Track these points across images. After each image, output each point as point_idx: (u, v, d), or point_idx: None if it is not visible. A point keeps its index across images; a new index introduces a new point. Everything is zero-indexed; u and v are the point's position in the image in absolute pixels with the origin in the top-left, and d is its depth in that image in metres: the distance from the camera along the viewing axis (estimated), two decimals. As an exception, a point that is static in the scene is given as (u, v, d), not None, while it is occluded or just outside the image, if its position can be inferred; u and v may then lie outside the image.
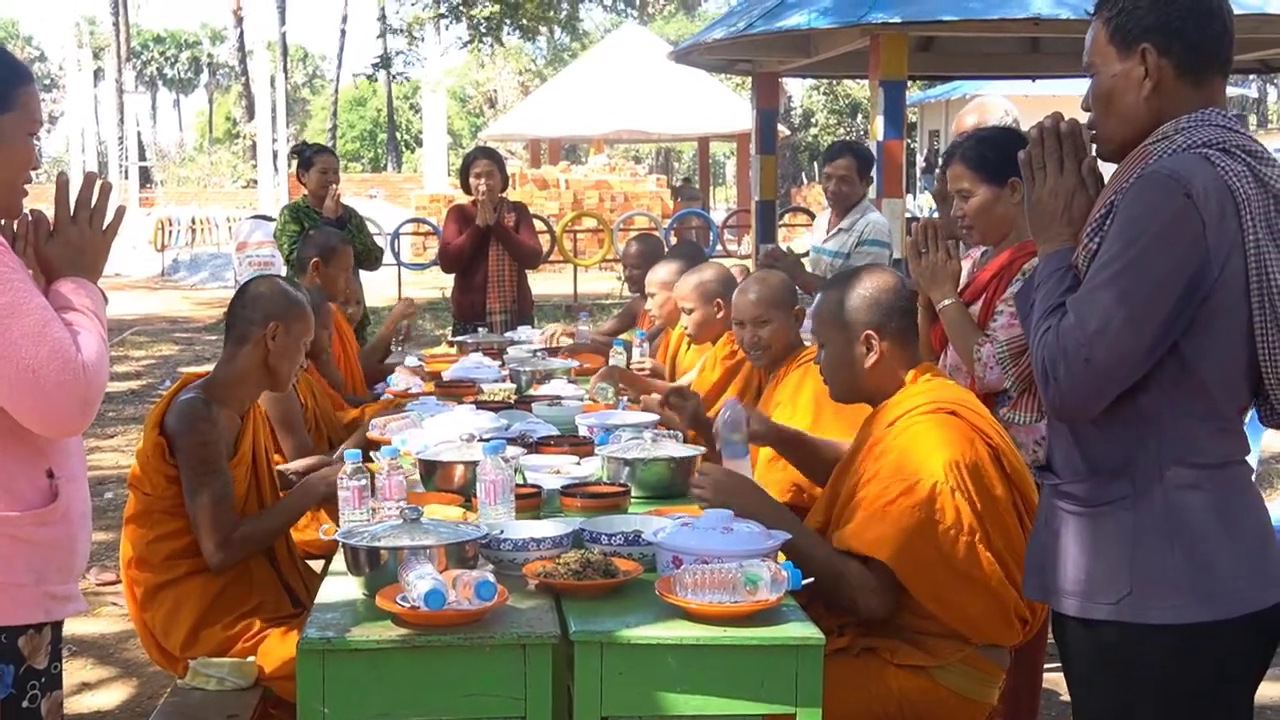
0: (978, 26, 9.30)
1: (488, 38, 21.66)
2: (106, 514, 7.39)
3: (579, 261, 20.19)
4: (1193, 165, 2.27)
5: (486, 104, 54.29)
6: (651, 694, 2.67)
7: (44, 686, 2.50)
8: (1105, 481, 2.38)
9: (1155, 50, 2.36)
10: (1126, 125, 2.42)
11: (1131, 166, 2.37)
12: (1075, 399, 2.34)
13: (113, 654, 5.41)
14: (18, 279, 2.34)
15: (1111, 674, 2.41)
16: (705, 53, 11.54)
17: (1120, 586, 2.35)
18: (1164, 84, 2.37)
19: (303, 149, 7.91)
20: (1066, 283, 2.39)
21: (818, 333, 3.39)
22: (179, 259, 25.21)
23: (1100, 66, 2.44)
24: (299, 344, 3.77)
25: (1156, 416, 2.33)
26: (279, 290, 3.81)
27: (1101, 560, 2.38)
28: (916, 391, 3.24)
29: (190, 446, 3.48)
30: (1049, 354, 2.33)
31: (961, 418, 3.14)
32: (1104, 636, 2.39)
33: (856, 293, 3.30)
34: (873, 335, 3.26)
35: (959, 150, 3.89)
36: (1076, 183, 2.47)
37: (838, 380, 3.37)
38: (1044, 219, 2.49)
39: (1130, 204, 2.29)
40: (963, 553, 3.00)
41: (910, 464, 3.05)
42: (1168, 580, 2.32)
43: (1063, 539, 2.45)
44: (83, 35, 37.86)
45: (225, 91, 69.12)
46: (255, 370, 3.69)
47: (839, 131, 43.57)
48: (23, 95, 2.46)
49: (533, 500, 3.56)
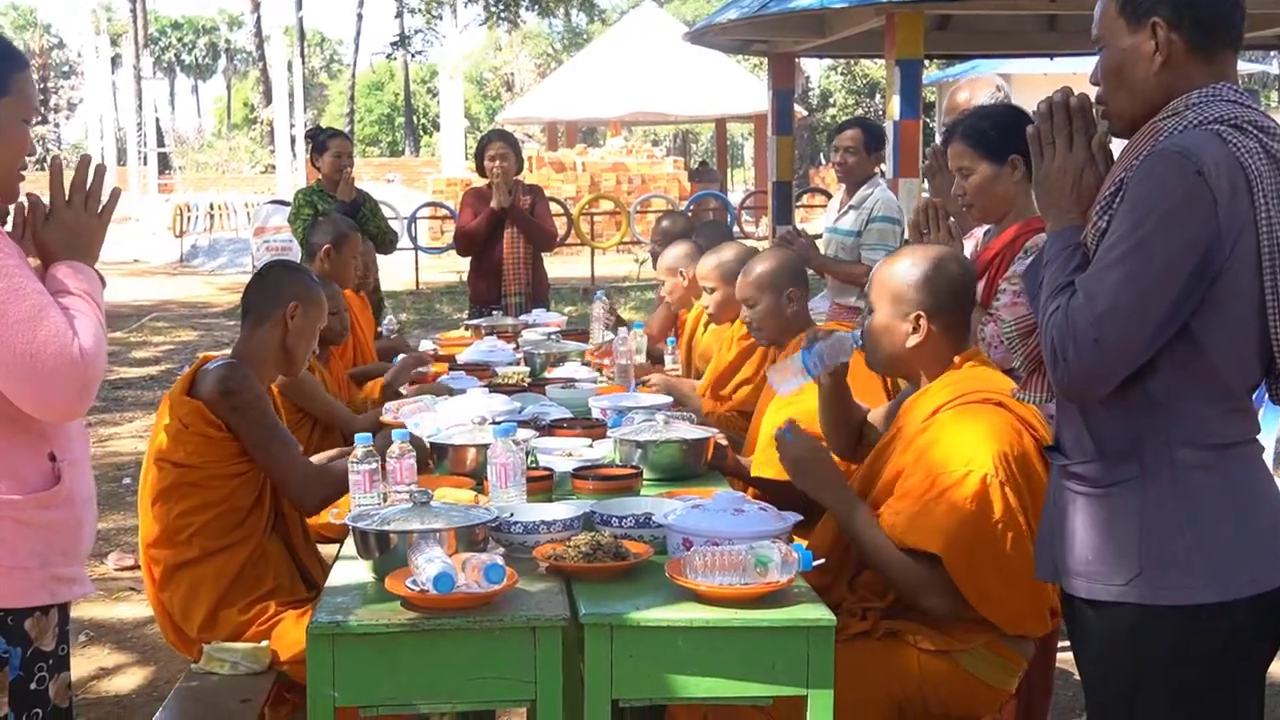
0: (994, 4, 9.27)
1: (505, 16, 21.66)
2: (125, 499, 7.42)
3: (596, 244, 20.19)
4: (1204, 142, 2.24)
5: (503, 87, 54.30)
6: (662, 677, 2.66)
7: (52, 669, 2.51)
8: (1114, 462, 2.36)
9: (1166, 24, 2.33)
10: (1136, 100, 2.39)
11: (1142, 143, 2.33)
12: (1084, 379, 2.31)
13: (130, 639, 5.43)
14: (13, 264, 2.34)
15: (1122, 655, 2.39)
16: (721, 33, 11.52)
17: (1130, 568, 2.33)
18: (1174, 58, 2.34)
19: (317, 133, 7.92)
20: (1075, 261, 2.36)
21: (869, 297, 3.30)
22: (197, 244, 25.28)
23: (1110, 40, 2.40)
24: (315, 328, 3.82)
25: (1166, 396, 2.30)
26: (299, 273, 3.92)
27: (1111, 541, 2.36)
28: (960, 378, 3.16)
29: (245, 403, 3.53)
30: (1058, 334, 2.30)
31: (1007, 409, 3.06)
32: (1114, 618, 2.37)
33: (918, 269, 3.20)
34: (922, 316, 3.17)
35: (958, 127, 3.84)
36: (1085, 158, 2.43)
37: (878, 350, 3.26)
38: (1052, 195, 2.46)
39: (1140, 181, 2.26)
40: (1010, 546, 2.94)
41: (959, 456, 2.99)
42: (1177, 561, 2.30)
43: (1072, 520, 2.43)
44: (100, 22, 37.87)
45: (243, 77, 69.28)
46: (274, 350, 3.73)
47: (857, 112, 43.40)
48: (18, 81, 2.46)
49: (545, 483, 3.55)
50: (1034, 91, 5.39)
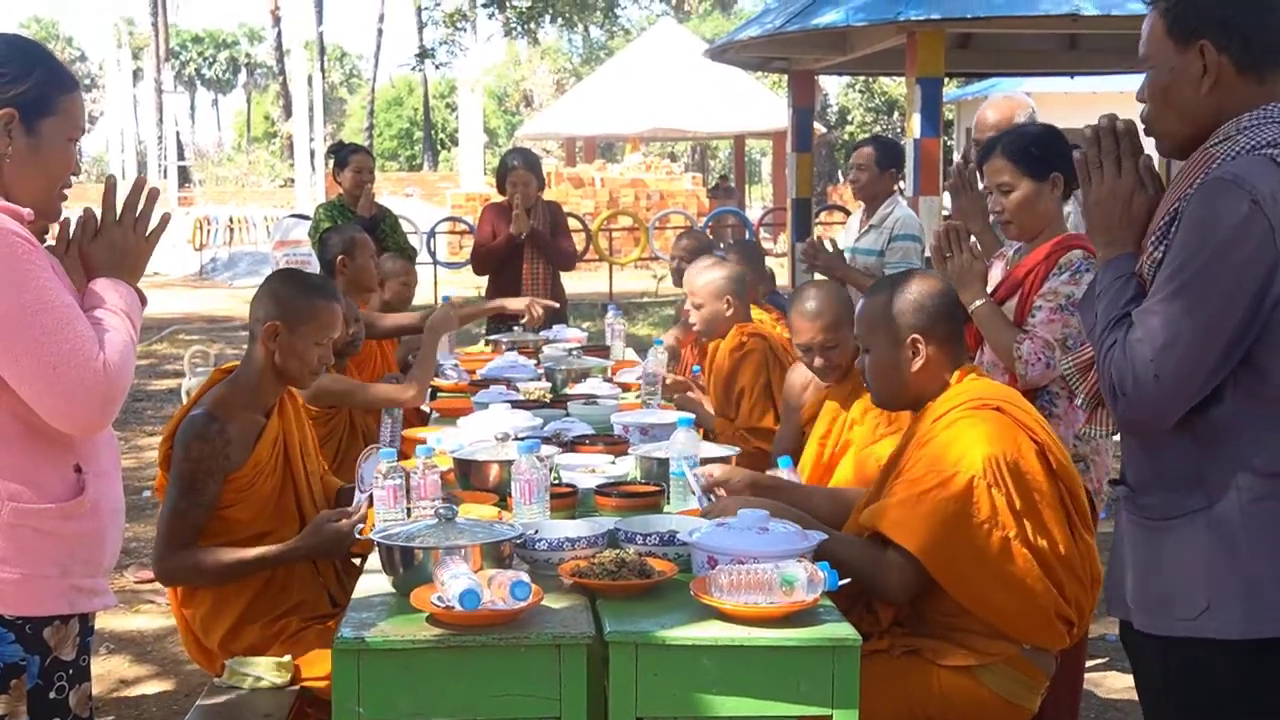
0: (1015, 23, 9.23)
1: (525, 27, 21.69)
2: (145, 511, 7.44)
3: (615, 260, 20.20)
4: (1258, 169, 2.20)
5: (523, 102, 54.39)
6: (687, 695, 2.66)
7: (71, 679, 2.52)
8: (1179, 493, 2.31)
9: (1214, 46, 2.28)
10: (1185, 121, 2.35)
11: (1195, 170, 2.29)
12: (1145, 415, 2.27)
13: (151, 651, 5.44)
14: (45, 276, 2.36)
15: (1186, 692, 2.33)
16: (741, 50, 11.51)
17: (1197, 602, 2.27)
18: (1224, 80, 2.29)
19: (338, 149, 7.96)
20: (1130, 292, 2.32)
21: (862, 338, 3.35)
22: (217, 258, 25.38)
23: (1157, 60, 2.36)
24: (308, 343, 3.63)
25: (1230, 425, 2.25)
26: (283, 288, 3.70)
27: (1176, 575, 2.30)
28: (962, 390, 3.21)
29: (178, 460, 3.47)
30: (1116, 370, 2.27)
31: (1006, 414, 3.12)
32: (1180, 653, 2.31)
33: (903, 296, 3.26)
34: (919, 340, 3.22)
35: (1000, 144, 3.83)
36: (1134, 183, 2.39)
37: (883, 385, 3.32)
38: (1104, 221, 2.42)
39: (1195, 211, 2.22)
40: (997, 548, 2.97)
41: (949, 456, 3.03)
42: (1246, 595, 2.23)
43: (1137, 553, 2.38)
44: (122, 35, 38.16)
45: (263, 91, 69.52)
46: (267, 370, 3.62)
47: (875, 129, 43.36)
48: (65, 101, 2.50)
49: (568, 500, 3.55)
50: (1054, 111, 5.39)
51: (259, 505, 3.59)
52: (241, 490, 3.54)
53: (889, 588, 3.07)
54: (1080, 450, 3.71)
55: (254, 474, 3.56)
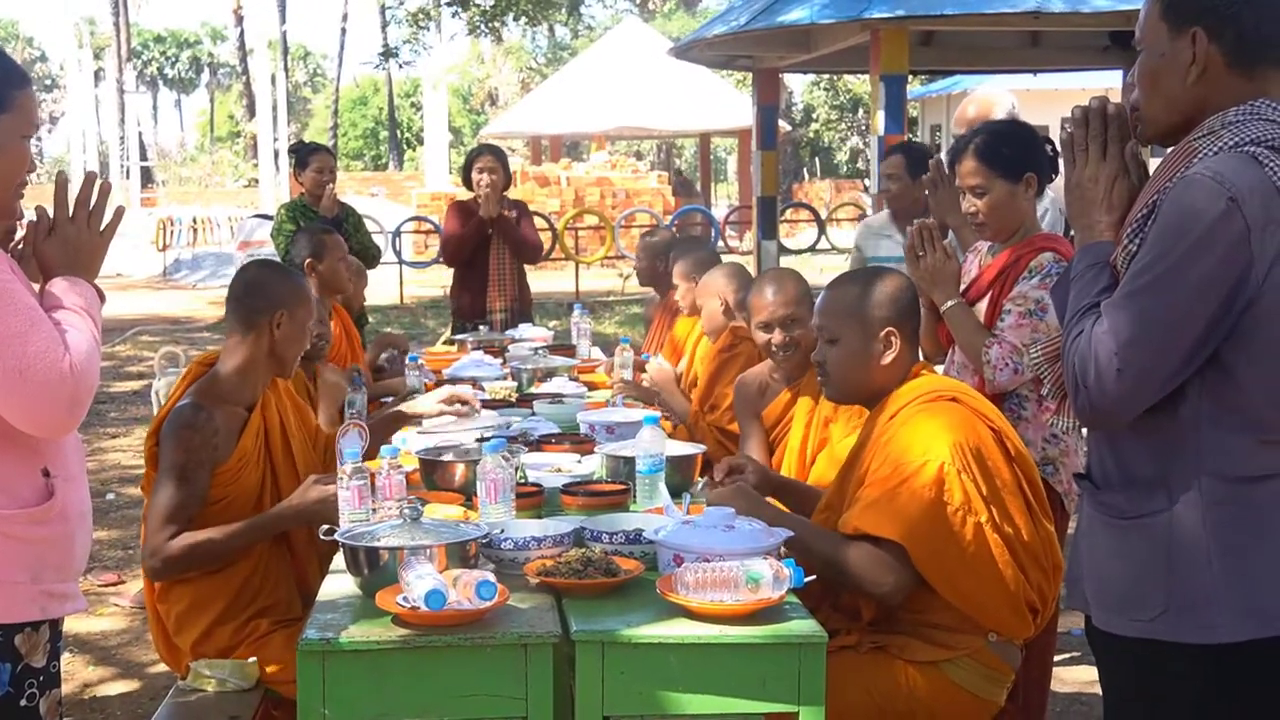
0: (978, 20, 9.28)
1: (489, 25, 21.62)
2: (108, 514, 7.39)
3: (581, 259, 20.19)
4: (1239, 166, 2.15)
5: (488, 101, 54.29)
6: (653, 693, 2.66)
7: (42, 685, 2.50)
8: (1142, 492, 2.28)
9: (1206, 36, 2.23)
10: (1169, 109, 2.30)
11: (1176, 164, 2.24)
12: (1105, 408, 2.24)
13: (114, 654, 5.40)
14: (5, 278, 2.34)
15: (1145, 693, 2.32)
16: (706, 49, 11.54)
17: (1155, 603, 2.25)
18: (1211, 72, 2.24)
19: (299, 148, 7.90)
20: (1102, 281, 2.29)
21: (829, 328, 3.30)
22: (180, 258, 25.19)
23: (1150, 43, 2.31)
24: (304, 328, 3.72)
25: (1195, 426, 2.22)
26: (280, 275, 3.77)
27: (1137, 575, 2.28)
28: (914, 386, 3.22)
29: (170, 451, 3.45)
30: (1080, 361, 2.24)
31: (962, 404, 3.14)
32: (1138, 654, 2.29)
33: (879, 289, 3.26)
34: (893, 333, 3.23)
35: (970, 145, 3.80)
36: (1119, 168, 2.36)
37: (847, 377, 3.30)
38: (1084, 204, 2.39)
39: (1171, 207, 2.18)
40: (970, 534, 2.98)
41: (917, 447, 3.04)
42: (1205, 598, 2.20)
43: (1099, 550, 2.36)
44: (83, 35, 37.77)
45: (226, 91, 69.12)
46: (261, 359, 3.62)
47: (840, 127, 43.57)
48: (19, 98, 2.46)
49: (534, 499, 3.54)
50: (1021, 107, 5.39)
51: (244, 499, 3.58)
52: (228, 484, 3.53)
53: (887, 588, 3.04)
54: (1049, 453, 3.69)
55: (239, 466, 3.55)
